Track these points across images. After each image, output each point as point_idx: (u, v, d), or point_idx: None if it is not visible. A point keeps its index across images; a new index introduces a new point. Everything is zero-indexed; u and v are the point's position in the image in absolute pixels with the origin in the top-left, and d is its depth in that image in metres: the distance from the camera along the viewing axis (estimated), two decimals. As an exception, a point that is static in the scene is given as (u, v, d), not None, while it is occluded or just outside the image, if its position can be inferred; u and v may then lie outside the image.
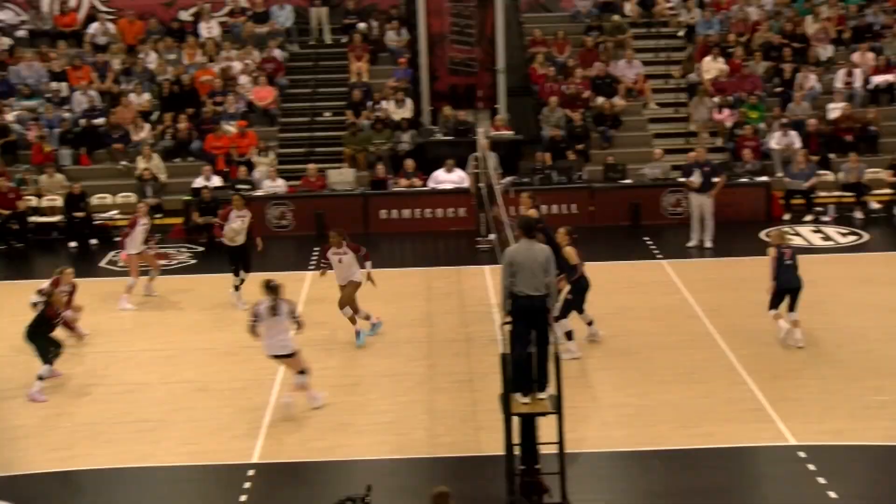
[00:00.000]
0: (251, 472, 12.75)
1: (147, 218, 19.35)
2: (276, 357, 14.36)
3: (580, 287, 15.91)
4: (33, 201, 24.21)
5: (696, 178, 21.52)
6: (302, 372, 14.28)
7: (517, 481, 11.61)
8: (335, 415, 14.28)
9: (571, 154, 25.05)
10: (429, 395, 14.88)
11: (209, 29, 28.97)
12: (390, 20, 28.88)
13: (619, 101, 26.67)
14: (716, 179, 21.52)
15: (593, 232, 22.91)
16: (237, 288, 18.66)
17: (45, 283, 16.70)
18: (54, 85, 27.27)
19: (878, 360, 15.20)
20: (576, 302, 15.92)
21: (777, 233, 16.67)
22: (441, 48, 26.35)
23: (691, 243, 21.77)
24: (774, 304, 16.10)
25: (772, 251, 16.19)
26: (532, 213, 17.96)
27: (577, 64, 27.40)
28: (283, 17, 29.25)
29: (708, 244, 21.57)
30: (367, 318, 16.82)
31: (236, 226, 18.61)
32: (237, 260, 18.81)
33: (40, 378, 15.17)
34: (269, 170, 24.46)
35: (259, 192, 23.87)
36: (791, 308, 16.05)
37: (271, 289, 14.15)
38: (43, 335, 15.42)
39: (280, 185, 24.08)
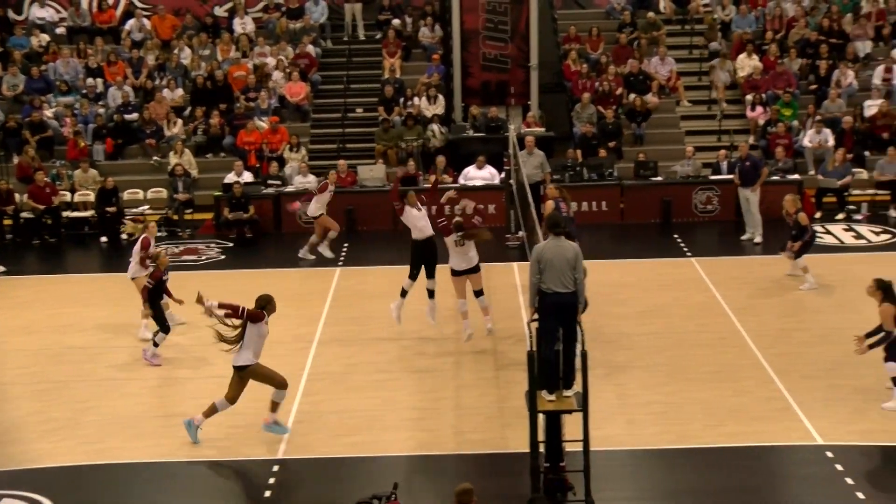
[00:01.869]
0: (276, 468, 12.80)
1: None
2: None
3: None
4: (67, 196, 24.41)
5: (737, 173, 21.80)
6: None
7: (542, 478, 11.61)
8: (362, 410, 14.32)
9: (603, 151, 24.98)
10: (456, 392, 14.90)
11: (243, 25, 29.10)
12: (424, 16, 28.90)
13: (651, 99, 26.57)
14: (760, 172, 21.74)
15: (624, 229, 22.93)
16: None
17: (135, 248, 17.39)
18: (90, 81, 27.49)
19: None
20: None
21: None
22: (474, 45, 26.34)
23: (746, 236, 21.80)
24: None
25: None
26: (549, 205, 17.86)
27: (611, 61, 27.31)
28: (318, 12, 29.33)
29: (757, 239, 21.51)
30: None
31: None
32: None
33: (155, 344, 16.03)
34: (301, 165, 24.53)
35: (290, 188, 23.95)
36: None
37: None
38: (157, 302, 16.26)
39: (311, 181, 24.13)
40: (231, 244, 22.72)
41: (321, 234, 20.80)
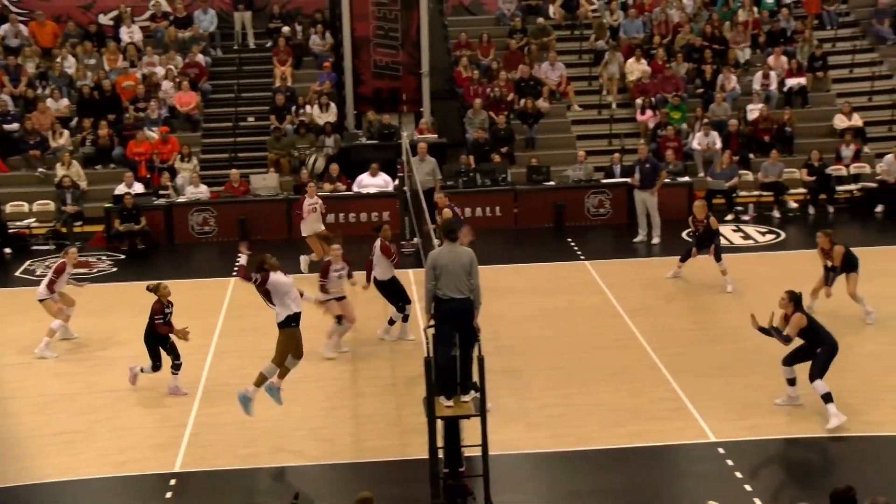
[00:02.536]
0: (173, 482, 12.61)
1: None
2: None
3: None
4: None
5: (637, 176, 22.02)
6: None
7: (441, 484, 11.61)
8: (260, 422, 14.15)
9: (496, 157, 25.13)
10: (354, 401, 14.85)
11: (130, 34, 28.63)
12: (314, 24, 28.78)
13: (542, 104, 26.82)
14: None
15: (518, 234, 23.10)
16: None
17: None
18: (-38, 88, 26.74)
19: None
20: None
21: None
22: (365, 52, 26.31)
23: (637, 239, 22.07)
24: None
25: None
26: (446, 212, 18.10)
27: (502, 66, 27.51)
28: (207, 21, 29.01)
29: (655, 240, 21.87)
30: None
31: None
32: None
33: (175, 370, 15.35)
34: (192, 176, 24.23)
35: (182, 199, 23.66)
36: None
37: None
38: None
39: (203, 191, 23.87)
40: (123, 256, 22.35)
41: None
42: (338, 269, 16.27)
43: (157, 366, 15.24)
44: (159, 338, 15.16)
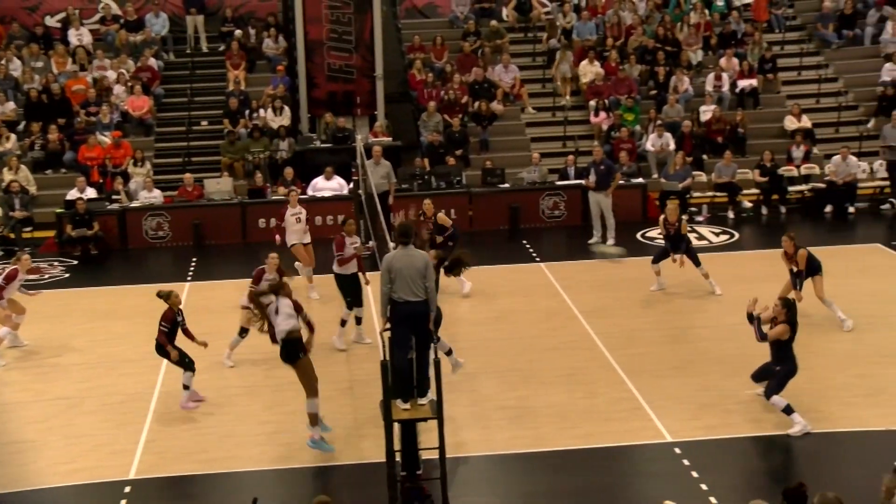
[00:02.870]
0: (128, 489, 12.49)
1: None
2: None
3: None
4: None
5: (592, 178, 22.01)
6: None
7: (399, 488, 11.60)
8: (216, 426, 14.10)
9: (451, 159, 25.15)
10: (310, 405, 14.77)
11: (79, 36, 28.37)
12: (267, 28, 28.67)
13: (496, 106, 26.87)
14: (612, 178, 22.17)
15: (473, 236, 23.07)
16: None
17: None
18: None
19: (752, 356, 15.47)
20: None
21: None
22: (319, 55, 26.23)
23: (592, 240, 22.17)
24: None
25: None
26: (442, 218, 18.31)
27: (456, 69, 27.54)
28: (159, 25, 28.83)
29: (610, 241, 21.96)
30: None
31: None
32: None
33: (185, 387, 14.71)
34: (146, 180, 24.05)
35: (135, 203, 23.49)
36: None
37: None
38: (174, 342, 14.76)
39: (156, 196, 23.70)
40: (76, 262, 22.14)
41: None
42: (269, 278, 16.07)
43: (190, 365, 14.60)
44: (161, 346, 14.61)
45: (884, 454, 12.34)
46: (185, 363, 14.62)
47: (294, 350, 12.98)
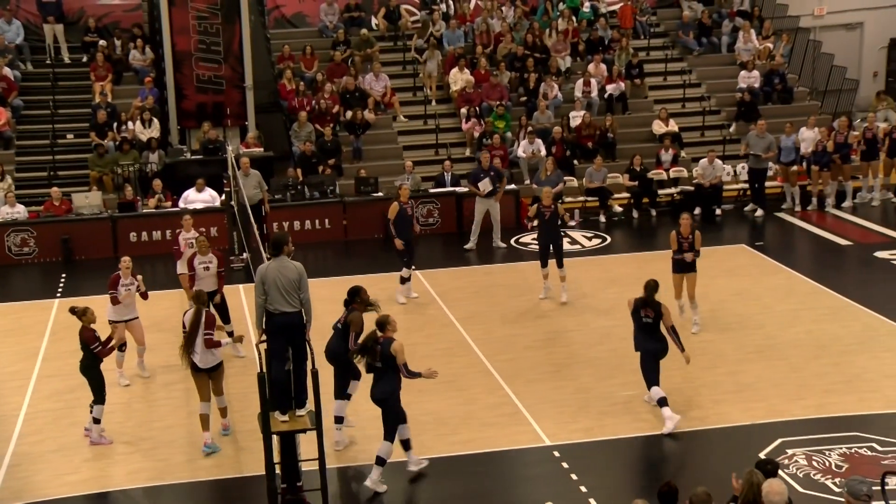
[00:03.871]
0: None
1: None
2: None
3: None
4: None
5: (484, 185, 22.18)
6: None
7: (280, 500, 11.50)
8: (87, 447, 13.77)
9: (324, 169, 25.03)
10: (187, 419, 14.56)
11: (-75, 44, 27.36)
12: (134, 39, 28.12)
13: (368, 115, 26.85)
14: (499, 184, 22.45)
15: (348, 245, 23.07)
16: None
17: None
18: None
19: (623, 357, 15.78)
20: None
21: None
22: (188, 66, 25.88)
23: (468, 245, 22.35)
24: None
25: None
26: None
27: (326, 78, 27.44)
28: (13, 33, 27.91)
29: (501, 244, 22.26)
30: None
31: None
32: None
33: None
34: (7, 195, 23.37)
35: (-2, 220, 22.85)
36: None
37: None
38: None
39: (20, 211, 23.07)
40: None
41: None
42: (126, 283, 15.75)
43: (102, 397, 13.81)
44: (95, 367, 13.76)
45: (751, 447, 12.85)
46: (103, 394, 13.91)
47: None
